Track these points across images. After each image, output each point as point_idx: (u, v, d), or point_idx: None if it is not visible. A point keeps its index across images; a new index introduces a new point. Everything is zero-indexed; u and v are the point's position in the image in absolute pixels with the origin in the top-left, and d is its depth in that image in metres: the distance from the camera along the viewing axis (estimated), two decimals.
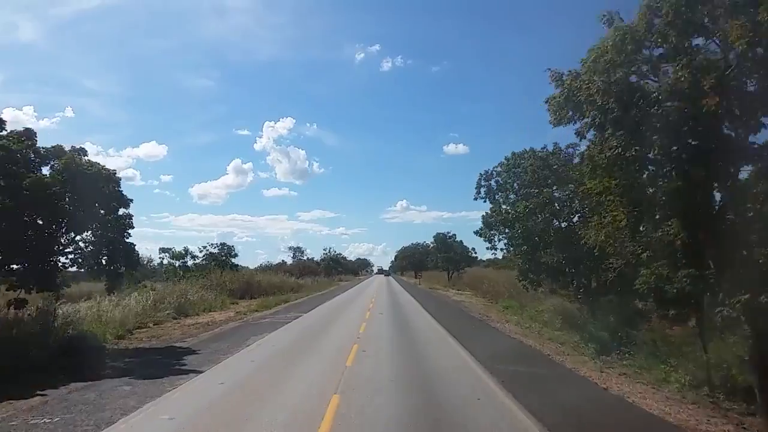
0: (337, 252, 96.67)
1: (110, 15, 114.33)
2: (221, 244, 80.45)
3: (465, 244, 63.52)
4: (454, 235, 64.95)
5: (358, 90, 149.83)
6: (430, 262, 72.06)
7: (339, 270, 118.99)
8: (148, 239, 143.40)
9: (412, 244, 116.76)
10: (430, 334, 16.43)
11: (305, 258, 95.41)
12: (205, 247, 68.56)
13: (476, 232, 27.36)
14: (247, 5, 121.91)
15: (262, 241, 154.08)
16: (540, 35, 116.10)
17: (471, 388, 8.90)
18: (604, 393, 8.92)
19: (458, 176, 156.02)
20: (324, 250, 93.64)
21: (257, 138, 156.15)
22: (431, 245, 69.21)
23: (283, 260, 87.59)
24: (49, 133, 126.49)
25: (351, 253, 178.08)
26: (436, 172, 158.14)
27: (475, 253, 63.56)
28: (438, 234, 65.33)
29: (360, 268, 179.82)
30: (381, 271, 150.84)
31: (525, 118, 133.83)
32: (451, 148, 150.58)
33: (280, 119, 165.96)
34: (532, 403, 7.76)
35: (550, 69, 9.00)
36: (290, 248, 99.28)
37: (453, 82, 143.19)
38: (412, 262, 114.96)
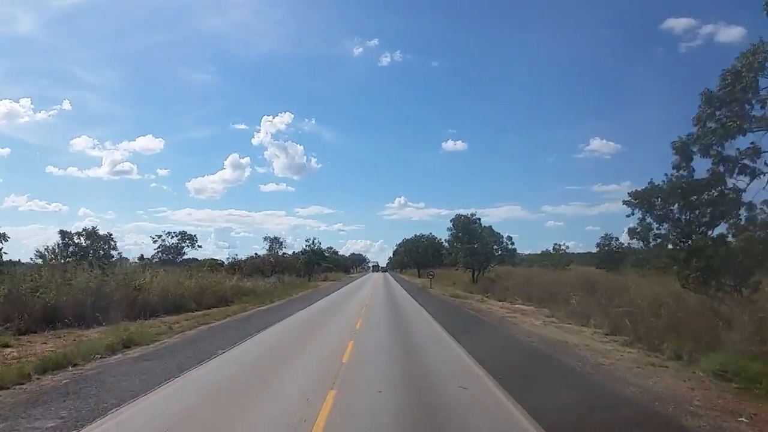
0: (322, 244, 76.79)
1: (109, 8, 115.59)
2: (181, 232, 61.92)
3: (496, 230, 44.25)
4: (479, 219, 45.58)
5: (357, 85, 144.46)
6: (446, 257, 52.45)
7: (328, 267, 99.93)
8: (146, 233, 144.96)
9: (415, 235, 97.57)
10: None
11: (284, 252, 76.26)
12: (159, 236, 53.59)
13: None
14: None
15: (259, 236, 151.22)
16: (540, 31, 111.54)
17: None
18: None
19: (457, 173, 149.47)
20: (306, 241, 74.20)
21: (255, 133, 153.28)
22: (447, 236, 49.37)
23: (255, 254, 68.42)
24: (46, 126, 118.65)
25: (348, 249, 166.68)
26: (434, 168, 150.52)
27: (512, 244, 44.26)
28: (458, 217, 45.82)
29: (355, 264, 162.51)
30: (377, 269, 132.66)
31: (525, 114, 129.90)
32: (449, 145, 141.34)
33: (279, 114, 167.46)
34: None
35: None
36: (265, 239, 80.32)
37: (452, 77, 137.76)
38: (415, 258, 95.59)
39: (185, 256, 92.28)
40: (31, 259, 28.04)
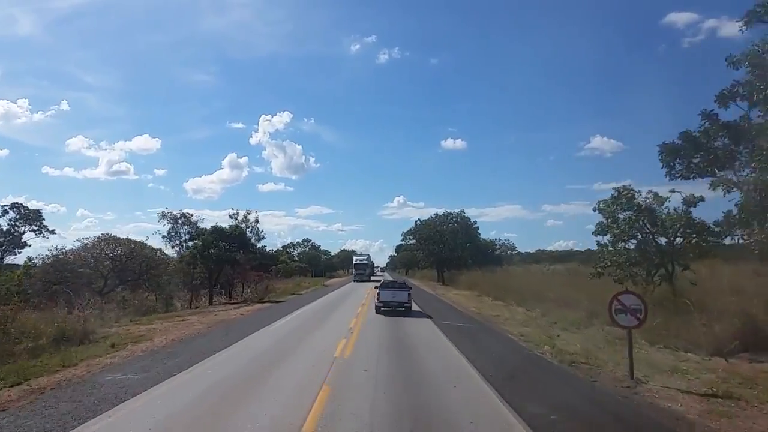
0: (260, 223, 38.72)
1: (108, 9, 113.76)
2: (14, 204, 16.04)
3: None
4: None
5: (355, 84, 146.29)
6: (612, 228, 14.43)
7: (302, 268, 62.65)
8: (144, 234, 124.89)
9: (435, 215, 59.93)
10: None
11: (192, 241, 38.34)
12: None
13: None
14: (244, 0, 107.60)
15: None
16: (541, 28, 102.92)
17: None
18: None
19: (456, 172, 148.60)
20: (231, 217, 37.04)
21: (253, 132, 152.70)
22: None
23: (135, 241, 30.35)
24: (43, 126, 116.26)
25: (348, 249, 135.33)
26: (433, 167, 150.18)
27: None
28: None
29: (346, 265, 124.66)
30: (363, 270, 63.46)
31: (524, 113, 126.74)
32: (449, 143, 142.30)
33: (277, 113, 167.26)
34: None
35: None
36: (163, 216, 40.43)
37: (451, 75, 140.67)
38: (434, 253, 57.76)
39: (28, 247, 53.10)
40: None
